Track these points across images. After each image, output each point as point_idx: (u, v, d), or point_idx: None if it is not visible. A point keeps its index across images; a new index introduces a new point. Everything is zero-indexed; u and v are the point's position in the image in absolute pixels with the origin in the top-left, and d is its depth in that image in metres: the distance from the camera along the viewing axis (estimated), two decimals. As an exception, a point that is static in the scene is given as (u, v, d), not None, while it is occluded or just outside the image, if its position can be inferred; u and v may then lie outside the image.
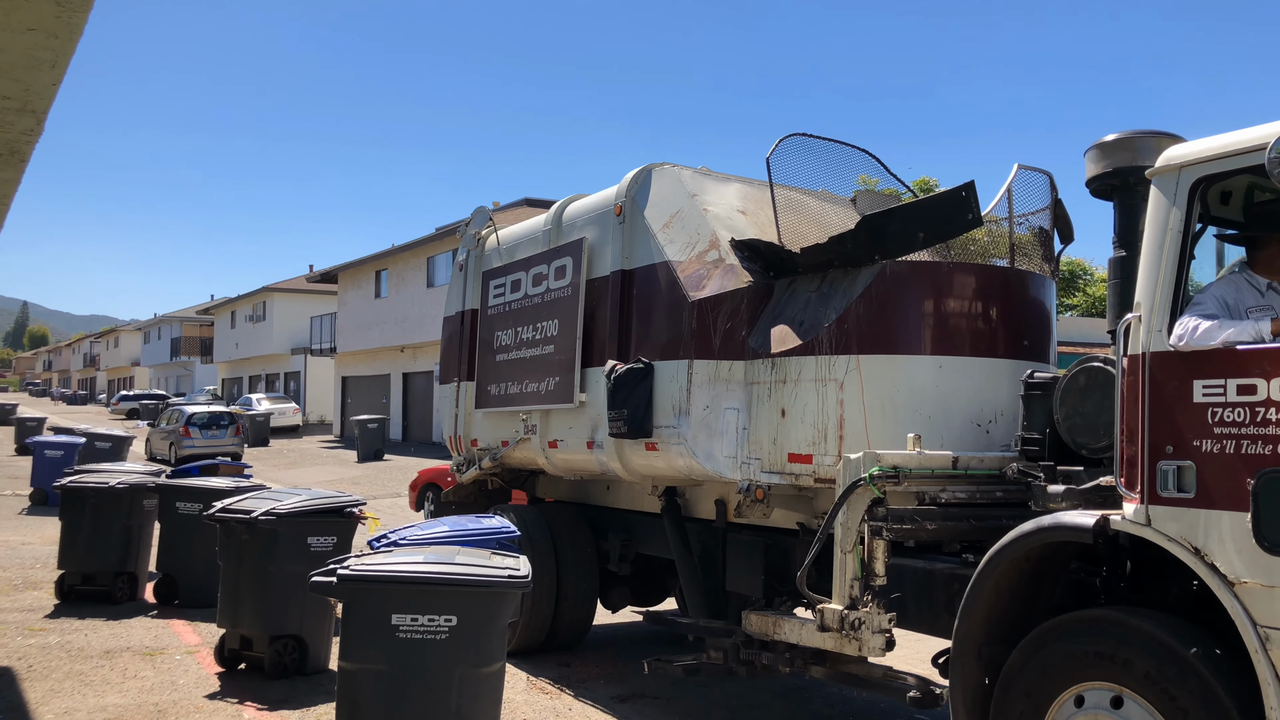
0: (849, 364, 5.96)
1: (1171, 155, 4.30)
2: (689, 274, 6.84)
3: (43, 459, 18.73)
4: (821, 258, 6.35)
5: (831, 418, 6.00)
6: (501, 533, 6.49)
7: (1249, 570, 3.68)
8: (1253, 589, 3.67)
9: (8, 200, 8.20)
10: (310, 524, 7.73)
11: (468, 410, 9.42)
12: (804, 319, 6.29)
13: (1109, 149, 5.12)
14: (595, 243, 7.82)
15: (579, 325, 7.76)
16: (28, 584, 11.25)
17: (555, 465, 8.27)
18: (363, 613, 5.11)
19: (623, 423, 6.87)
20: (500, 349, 8.88)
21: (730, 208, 7.27)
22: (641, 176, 7.50)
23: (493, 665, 5.26)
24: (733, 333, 6.60)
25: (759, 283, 6.65)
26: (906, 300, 6.05)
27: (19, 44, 4.96)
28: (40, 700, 7.05)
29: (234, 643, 7.82)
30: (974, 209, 5.94)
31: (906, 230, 6.04)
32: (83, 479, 10.66)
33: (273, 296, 51.30)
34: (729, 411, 6.57)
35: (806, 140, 7.12)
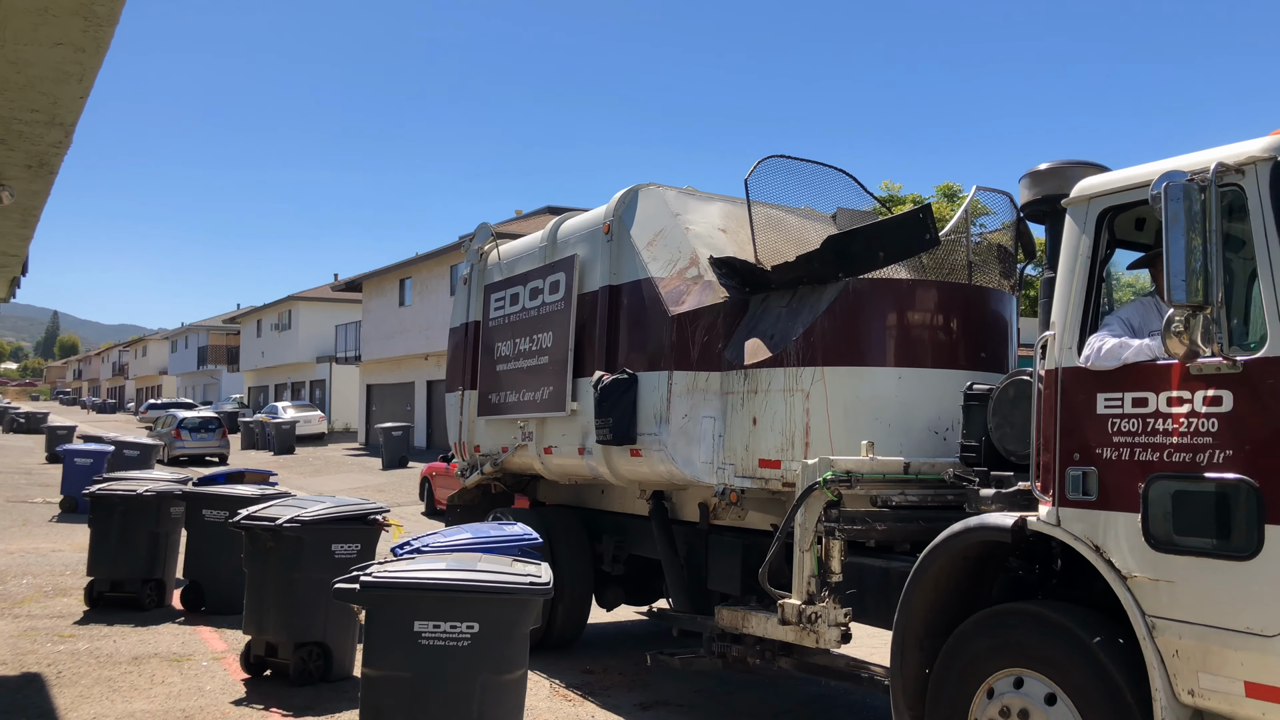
0: (815, 375, 6.41)
1: (1083, 186, 4.74)
2: (670, 290, 7.29)
3: (73, 466, 19.05)
4: (791, 275, 6.79)
5: (798, 425, 6.44)
6: (523, 540, 6.54)
7: (1139, 565, 4.15)
8: (1142, 582, 4.14)
9: (37, 211, 8.29)
10: (334, 531, 7.84)
11: (471, 418, 9.91)
12: (775, 333, 6.74)
13: (1040, 177, 5.52)
14: (586, 259, 8.27)
15: (571, 337, 8.20)
16: (58, 590, 11.47)
17: (551, 470, 8.73)
18: (385, 620, 5.16)
19: (609, 430, 7.32)
20: (500, 359, 9.34)
21: (712, 226, 7.72)
22: (629, 197, 7.93)
23: (515, 672, 5.29)
24: (710, 345, 7.07)
25: (735, 298, 7.12)
26: (868, 315, 6.50)
27: (47, 58, 5.02)
28: (69, 706, 7.16)
29: (259, 649, 7.94)
30: (931, 230, 6.43)
31: (868, 250, 6.49)
32: (111, 487, 10.85)
33: (298, 305, 51.97)
34: (706, 420, 7.03)
35: (784, 161, 7.59)
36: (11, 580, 12.02)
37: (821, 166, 7.90)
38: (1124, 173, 4.63)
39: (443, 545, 6.22)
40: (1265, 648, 3.73)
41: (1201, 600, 3.94)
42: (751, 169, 7.41)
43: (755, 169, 7.41)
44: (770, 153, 7.53)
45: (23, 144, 6.33)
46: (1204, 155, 4.20)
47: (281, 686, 7.67)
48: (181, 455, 33.36)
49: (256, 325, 58.73)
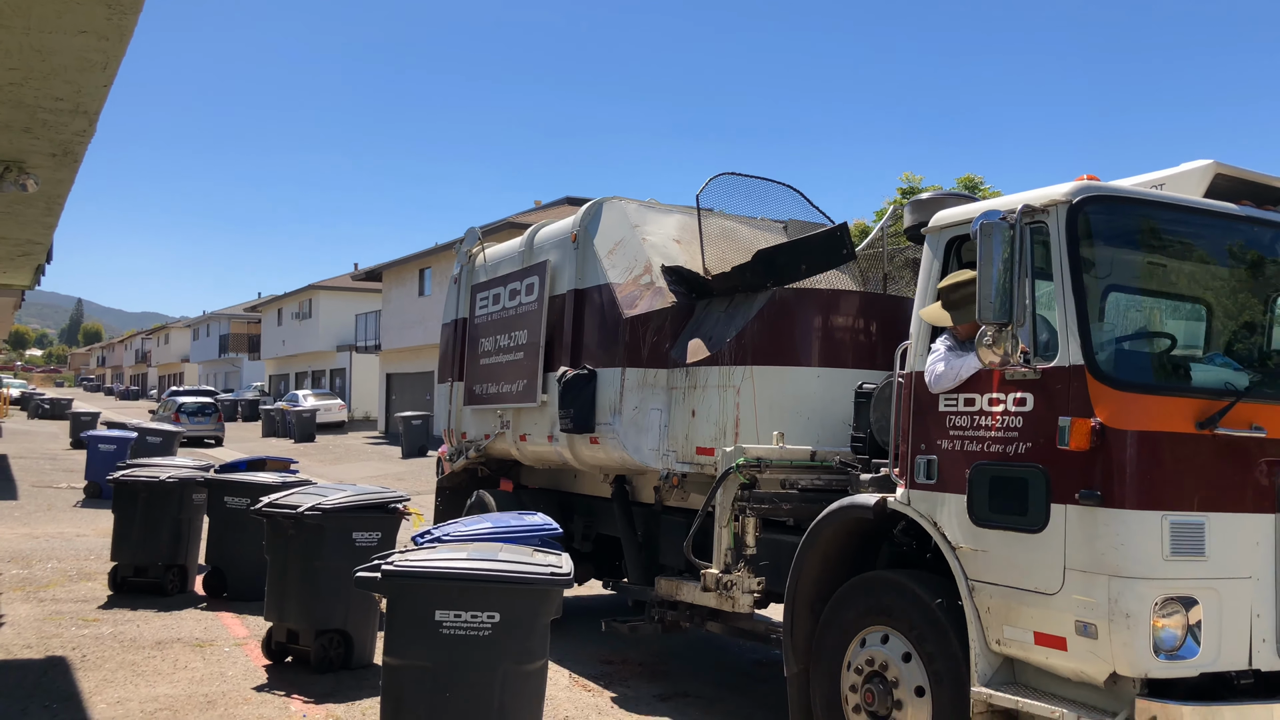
0: (745, 373, 7.22)
1: (937, 218, 5.57)
2: (625, 295, 8.16)
3: (96, 453, 19.31)
4: (729, 283, 7.63)
5: (730, 417, 7.25)
6: (544, 530, 6.63)
7: (963, 537, 5.02)
8: (965, 551, 5.01)
9: (61, 200, 8.35)
10: (355, 519, 7.92)
11: (458, 407, 10.80)
12: (713, 335, 7.60)
13: (920, 205, 6.21)
14: (556, 265, 9.12)
15: (542, 335, 9.06)
16: (82, 575, 11.61)
17: (525, 456, 9.62)
18: (407, 609, 5.19)
19: (570, 420, 8.18)
20: (483, 354, 10.25)
21: (667, 237, 8.56)
22: (594, 209, 8.76)
23: (535, 663, 5.34)
24: (658, 345, 7.93)
25: (681, 303, 7.98)
26: (792, 320, 7.33)
27: (71, 46, 5.04)
28: (94, 690, 7.26)
29: (280, 636, 8.04)
30: (847, 245, 7.27)
31: (793, 263, 7.31)
32: (134, 473, 10.93)
33: (319, 294, 52.45)
34: (653, 411, 7.87)
35: (735, 179, 8.46)
36: (37, 564, 12.22)
37: (769, 183, 8.65)
38: (967, 207, 5.48)
39: (464, 535, 6.30)
40: (1048, 604, 4.59)
41: (1006, 566, 4.80)
42: (703, 185, 8.27)
43: (706, 185, 8.28)
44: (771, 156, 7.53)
45: (47, 132, 6.40)
46: (1020, 196, 5.04)
47: (303, 673, 7.79)
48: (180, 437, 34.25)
49: (277, 314, 59.02)
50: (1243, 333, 5.41)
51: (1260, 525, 4.51)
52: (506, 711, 5.17)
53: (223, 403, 53.63)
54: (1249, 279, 5.42)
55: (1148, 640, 4.25)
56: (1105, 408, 4.44)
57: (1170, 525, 4.32)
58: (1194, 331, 5.45)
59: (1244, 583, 4.44)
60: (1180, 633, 4.31)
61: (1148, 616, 4.25)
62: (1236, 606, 4.42)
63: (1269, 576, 4.50)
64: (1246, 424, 4.51)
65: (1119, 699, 4.36)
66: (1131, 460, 4.37)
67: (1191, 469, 4.46)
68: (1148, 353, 5.19)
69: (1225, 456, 4.51)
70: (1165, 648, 4.28)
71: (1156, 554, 4.31)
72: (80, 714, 6.75)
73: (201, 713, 6.81)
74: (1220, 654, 4.39)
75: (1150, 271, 5.32)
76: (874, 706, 5.32)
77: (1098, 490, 4.38)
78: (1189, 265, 5.34)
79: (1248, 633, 4.44)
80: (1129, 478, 4.36)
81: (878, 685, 5.31)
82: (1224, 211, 5.09)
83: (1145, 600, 4.26)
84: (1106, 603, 4.32)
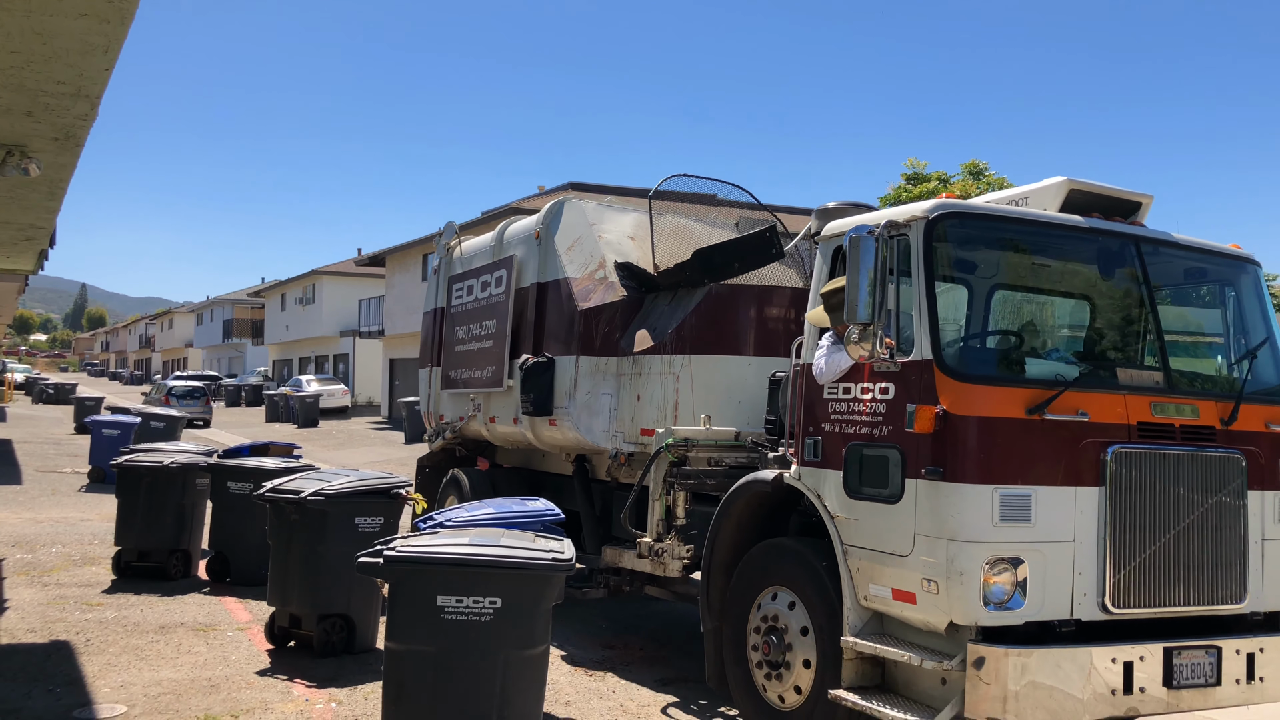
0: (684, 362, 8.06)
1: (827, 228, 6.40)
2: (580, 288, 8.97)
3: (100, 437, 19.68)
4: (672, 279, 8.47)
5: (670, 402, 8.09)
6: (546, 515, 6.80)
7: (839, 508, 5.87)
8: (841, 520, 5.86)
9: (64, 184, 8.45)
10: (358, 504, 8.05)
11: (436, 391, 11.71)
12: (657, 326, 8.41)
13: (824, 213, 7.00)
14: (522, 259, 9.95)
15: (509, 325, 9.88)
16: (86, 559, 11.86)
17: (495, 436, 10.46)
18: (409, 594, 5.29)
19: (530, 404, 9.04)
20: (458, 341, 11.11)
21: (622, 235, 9.36)
22: (555, 208, 9.59)
23: (537, 647, 5.45)
24: (609, 335, 8.75)
25: (631, 297, 8.79)
26: (727, 314, 8.14)
27: (72, 29, 5.07)
28: (97, 674, 7.42)
29: (283, 621, 8.21)
30: (777, 245, 8.01)
31: (728, 261, 8.10)
32: (138, 458, 11.14)
33: (322, 279, 53.16)
34: (604, 396, 8.71)
35: (688, 179, 9.32)
36: (41, 549, 12.47)
37: (720, 183, 9.51)
38: (846, 220, 6.28)
39: (466, 520, 6.40)
40: (902, 564, 5.44)
41: (871, 532, 5.64)
42: (657, 185, 9.13)
43: (659, 185, 9.14)
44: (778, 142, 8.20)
45: (49, 116, 6.44)
46: (886, 212, 5.89)
47: (306, 658, 7.94)
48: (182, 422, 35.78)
49: (281, 299, 59.79)
50: (1080, 329, 6.30)
51: (1085, 496, 5.34)
52: (508, 696, 5.29)
53: (226, 388, 54.75)
54: (1086, 282, 6.29)
55: (979, 594, 5.09)
56: (948, 396, 5.28)
57: (1000, 497, 5.16)
58: (1041, 328, 6.32)
59: (1067, 545, 5.28)
60: (1009, 588, 5.14)
61: (979, 574, 5.09)
62: (1060, 566, 5.26)
63: (1091, 540, 5.33)
64: (1074, 410, 5.35)
65: (957, 644, 5.19)
66: (968, 441, 5.21)
67: (1022, 449, 5.27)
68: (989, 348, 6.07)
69: (1053, 438, 5.32)
70: (995, 600, 5.12)
71: (987, 521, 5.14)
72: (84, 698, 6.88)
73: (205, 696, 6.97)
74: (1044, 606, 5.22)
75: (1001, 276, 6.18)
76: (770, 656, 6.21)
77: (940, 467, 5.22)
78: (1034, 270, 6.21)
79: (1069, 588, 5.27)
80: (965, 456, 5.19)
81: (773, 638, 6.20)
82: (1066, 223, 5.94)
83: (976, 560, 5.10)
84: (945, 562, 5.17)
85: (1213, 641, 5.50)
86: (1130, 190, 6.24)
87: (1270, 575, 5.82)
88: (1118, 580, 5.33)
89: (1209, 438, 5.68)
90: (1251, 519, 5.74)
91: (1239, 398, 5.85)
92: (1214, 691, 5.50)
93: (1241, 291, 6.50)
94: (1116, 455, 5.36)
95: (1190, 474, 5.55)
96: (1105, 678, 5.18)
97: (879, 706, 5.39)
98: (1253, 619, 5.80)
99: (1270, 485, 5.87)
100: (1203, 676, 5.43)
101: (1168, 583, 5.46)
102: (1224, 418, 5.74)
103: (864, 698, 5.50)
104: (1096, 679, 5.16)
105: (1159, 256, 6.14)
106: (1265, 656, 5.65)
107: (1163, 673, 5.32)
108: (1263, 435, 5.89)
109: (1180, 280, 6.60)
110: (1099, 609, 5.32)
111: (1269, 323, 6.39)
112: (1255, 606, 5.76)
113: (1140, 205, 6.28)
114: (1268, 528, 5.83)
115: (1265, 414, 5.95)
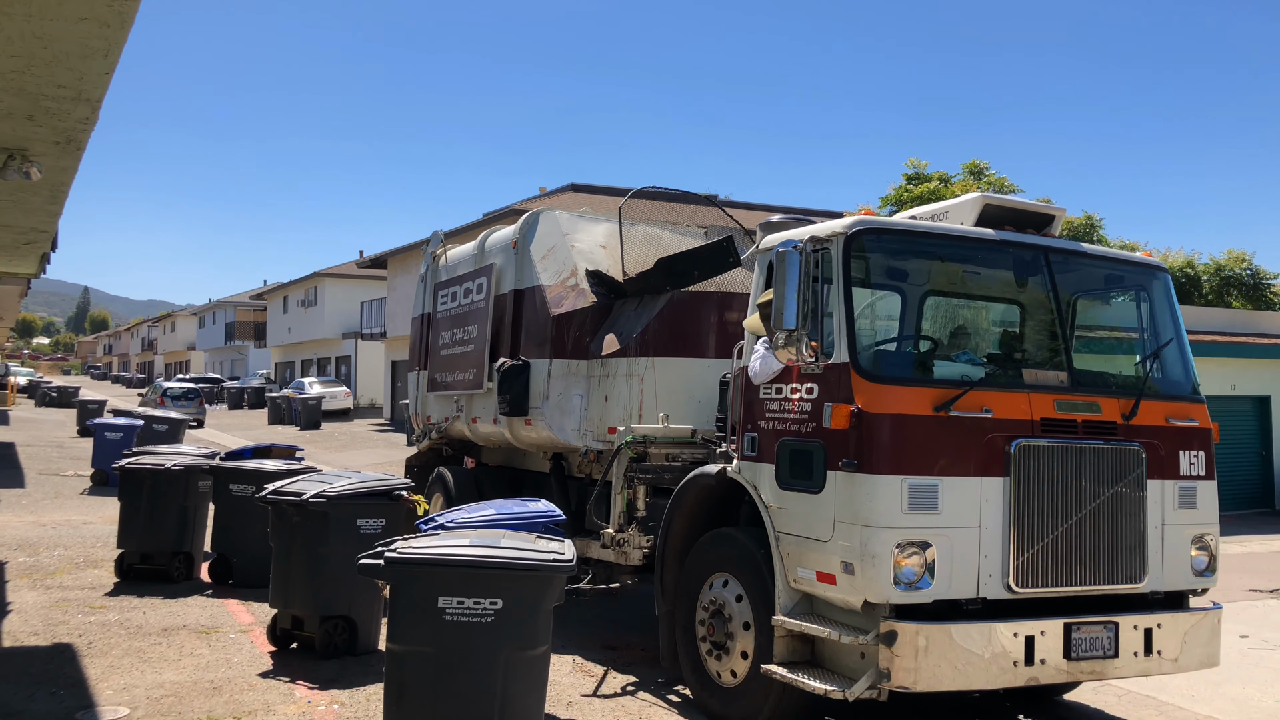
0: (647, 364, 8.66)
1: (764, 241, 7.01)
2: (554, 295, 9.62)
3: (103, 440, 19.82)
4: (638, 286, 9.08)
5: (635, 402, 8.69)
6: (547, 516, 6.93)
7: (772, 498, 6.50)
8: (774, 509, 6.49)
9: (66, 187, 8.52)
10: (359, 506, 8.18)
11: (423, 393, 12.31)
12: (623, 331, 9.02)
13: (769, 226, 7.54)
14: (501, 267, 10.60)
15: (489, 330, 10.53)
16: (89, 562, 12.01)
17: (478, 436, 11.06)
18: (410, 595, 5.35)
19: (507, 405, 9.67)
20: (443, 345, 11.76)
21: (595, 244, 10.00)
22: (532, 219, 10.26)
23: (538, 648, 5.52)
24: (580, 339, 9.38)
25: (601, 303, 9.42)
26: (688, 318, 8.75)
27: (73, 33, 5.12)
28: (100, 676, 7.51)
29: (285, 623, 8.30)
30: (734, 255, 8.60)
31: (688, 269, 8.71)
32: (140, 461, 11.25)
33: (324, 282, 53.89)
34: (575, 396, 9.33)
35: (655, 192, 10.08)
36: (44, 552, 12.63)
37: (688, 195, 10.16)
38: (777, 235, 6.91)
39: (467, 521, 6.55)
40: (824, 549, 6.05)
41: (799, 520, 6.25)
42: (626, 198, 9.77)
43: (628, 198, 9.81)
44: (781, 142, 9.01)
45: (50, 120, 6.55)
46: (813, 228, 6.53)
47: (308, 659, 8.08)
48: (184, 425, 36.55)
49: (283, 301, 60.47)
50: (994, 333, 6.97)
51: (991, 486, 5.95)
52: (509, 697, 5.35)
53: (229, 390, 55.31)
54: (1000, 290, 6.95)
55: (890, 575, 5.70)
56: (862, 395, 5.90)
57: (909, 486, 5.77)
58: (959, 333, 6.98)
59: (973, 531, 5.90)
60: (918, 569, 5.75)
61: (890, 557, 5.70)
62: (966, 549, 5.88)
63: (997, 526, 5.94)
64: (979, 407, 5.98)
65: (872, 621, 5.81)
66: (879, 436, 5.82)
67: (929, 443, 5.88)
68: (903, 352, 6.71)
69: (959, 433, 5.93)
70: (905, 581, 5.73)
71: (897, 509, 5.75)
72: (87, 700, 6.96)
73: (207, 699, 7.06)
74: (951, 586, 5.84)
75: (923, 285, 6.83)
76: (715, 636, 6.84)
77: (855, 460, 5.84)
78: (952, 279, 6.88)
79: (976, 570, 5.89)
80: (876, 450, 5.81)
81: (718, 620, 6.83)
82: (976, 236, 6.57)
83: (887, 544, 5.71)
84: (859, 546, 5.78)
85: (1111, 618, 6.12)
86: (1045, 205, 6.85)
87: (1170, 558, 6.45)
88: (1021, 563, 5.94)
89: (1111, 432, 6.30)
90: (1151, 506, 6.36)
91: (1139, 395, 6.47)
92: (1112, 663, 6.13)
93: (1154, 296, 7.12)
94: (1020, 448, 5.98)
95: (1091, 465, 6.17)
96: (1008, 650, 5.79)
97: (803, 678, 6.01)
98: (1153, 598, 6.43)
99: (1171, 475, 6.50)
100: (1101, 649, 6.05)
101: (1069, 565, 6.08)
102: (1125, 414, 6.36)
103: (792, 671, 6.12)
104: (1000, 651, 5.77)
105: (1068, 265, 6.76)
106: (1163, 631, 6.28)
107: (1063, 645, 5.94)
108: (1164, 429, 6.51)
109: (1100, 286, 7.24)
110: (1004, 589, 5.93)
111: (1176, 325, 7.03)
112: (1155, 586, 6.39)
113: (1054, 218, 6.92)
114: (1168, 514, 6.46)
115: (1166, 409, 6.58)
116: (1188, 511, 6.54)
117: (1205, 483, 6.65)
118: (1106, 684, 8.04)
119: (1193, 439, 6.64)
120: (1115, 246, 24.87)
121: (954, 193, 23.12)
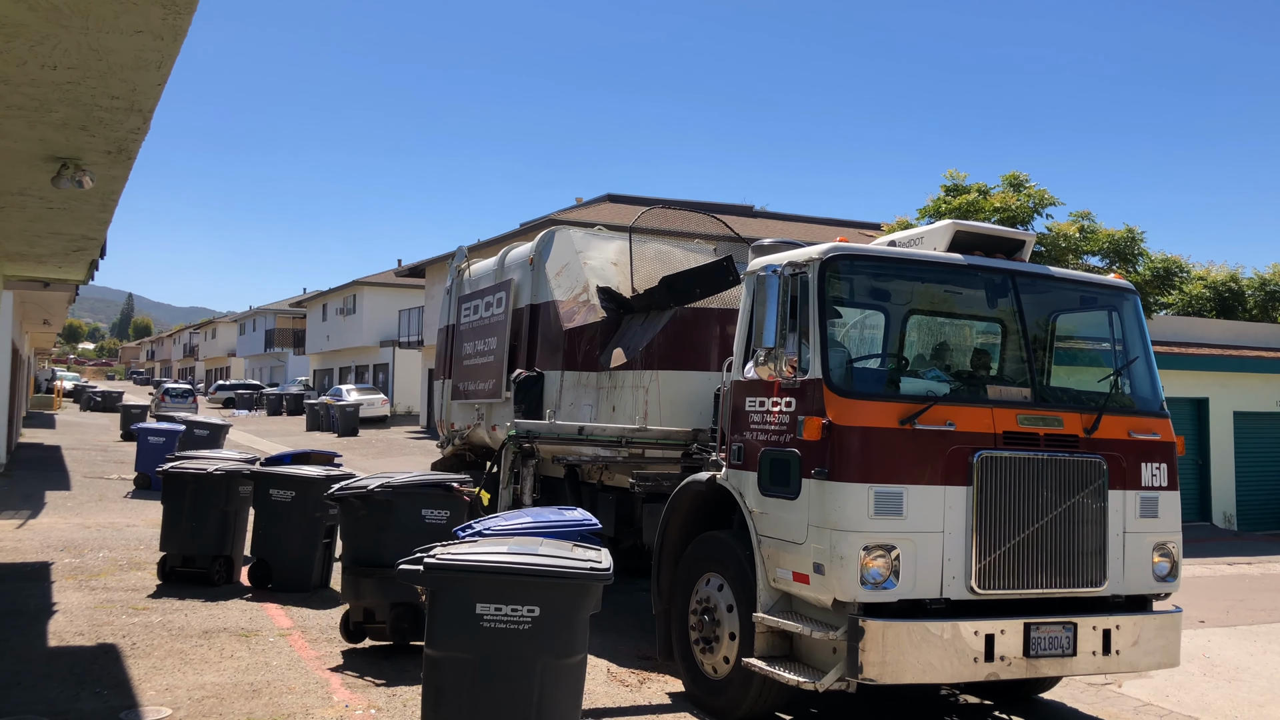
0: (652, 376, 9.26)
1: (752, 264, 7.57)
2: (566, 310, 10.27)
3: (146, 445, 20.56)
4: (644, 302, 9.69)
5: (640, 411, 9.29)
6: (583, 525, 7.05)
7: (755, 504, 7.08)
8: (756, 514, 7.06)
9: (116, 196, 8.72)
10: (424, 497, 8.59)
11: (447, 401, 13.11)
12: (630, 344, 9.61)
13: (760, 248, 8.10)
14: (519, 283, 11.30)
15: (507, 342, 11.22)
16: (132, 564, 12.36)
17: (497, 443, 11.57)
18: (448, 602, 5.43)
19: (522, 413, 10.28)
20: (466, 356, 12.52)
21: (606, 261, 10.64)
22: (547, 237, 10.95)
23: (574, 656, 5.57)
24: (590, 353, 9.97)
25: (610, 318, 10.01)
26: (690, 334, 9.31)
27: (127, 46, 5.29)
28: (143, 677, 7.74)
29: (358, 616, 8.63)
30: (734, 273, 9.18)
31: (690, 287, 9.31)
32: (183, 465, 11.60)
33: (362, 290, 55.00)
34: (585, 406, 9.93)
35: (666, 211, 10.75)
36: (89, 553, 13.05)
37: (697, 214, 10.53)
38: (762, 259, 7.45)
39: (504, 529, 6.70)
40: (799, 551, 6.61)
41: (778, 524, 6.81)
42: (636, 218, 10.47)
43: (638, 218, 10.52)
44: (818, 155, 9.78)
45: (103, 130, 6.76)
46: (793, 253, 7.12)
47: (346, 664, 8.32)
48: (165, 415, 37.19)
49: (322, 309, 61.63)
50: (953, 352, 7.55)
51: (955, 494, 6.49)
52: (545, 704, 5.41)
53: (268, 397, 56.55)
54: (970, 309, 7.55)
55: (857, 575, 6.26)
56: (833, 409, 6.47)
57: (875, 494, 6.33)
58: (932, 350, 7.57)
59: (937, 535, 6.44)
60: (884, 570, 6.31)
61: (857, 558, 6.26)
62: (930, 552, 6.42)
63: (960, 531, 6.48)
64: (943, 421, 6.53)
65: (842, 618, 6.36)
66: (848, 447, 6.39)
67: (895, 453, 6.44)
68: (873, 369, 7.28)
69: (924, 444, 6.48)
70: (871, 581, 6.28)
71: (864, 514, 6.30)
72: (130, 700, 7.19)
73: (247, 701, 7.26)
74: (916, 587, 6.39)
75: (898, 306, 7.43)
76: (704, 632, 7.44)
77: (826, 468, 6.41)
78: (926, 299, 7.46)
79: (939, 572, 6.44)
80: (845, 459, 6.38)
81: (707, 617, 7.42)
82: (945, 261, 7.13)
83: (855, 547, 6.27)
84: (829, 548, 6.35)
85: (1070, 618, 6.64)
86: (1015, 231, 7.42)
87: (1132, 564, 6.97)
88: (983, 566, 6.49)
89: (1073, 445, 6.82)
90: (1113, 515, 6.89)
91: (1101, 410, 7.00)
92: (1070, 661, 6.65)
93: (1124, 316, 7.65)
94: (982, 459, 6.53)
95: (1053, 476, 6.71)
96: (969, 647, 6.34)
97: (780, 671, 6.60)
98: (1115, 601, 6.95)
99: (1132, 485, 7.02)
100: (1059, 648, 6.57)
101: (1030, 569, 6.61)
102: (1087, 427, 6.89)
103: (770, 665, 6.71)
104: (961, 648, 6.32)
105: (1035, 287, 7.30)
106: (1121, 632, 6.79)
107: (1023, 644, 6.47)
108: (1126, 442, 7.04)
109: (1072, 306, 7.78)
110: (967, 590, 6.47)
111: (1145, 343, 7.55)
112: (1116, 590, 6.91)
113: (1024, 244, 7.48)
114: (1129, 522, 6.97)
115: (1129, 424, 7.10)
116: (1149, 520, 7.05)
117: (1167, 493, 7.16)
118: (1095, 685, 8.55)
119: (1155, 452, 7.15)
120: (1157, 260, 25.11)
121: (993, 205, 23.46)
